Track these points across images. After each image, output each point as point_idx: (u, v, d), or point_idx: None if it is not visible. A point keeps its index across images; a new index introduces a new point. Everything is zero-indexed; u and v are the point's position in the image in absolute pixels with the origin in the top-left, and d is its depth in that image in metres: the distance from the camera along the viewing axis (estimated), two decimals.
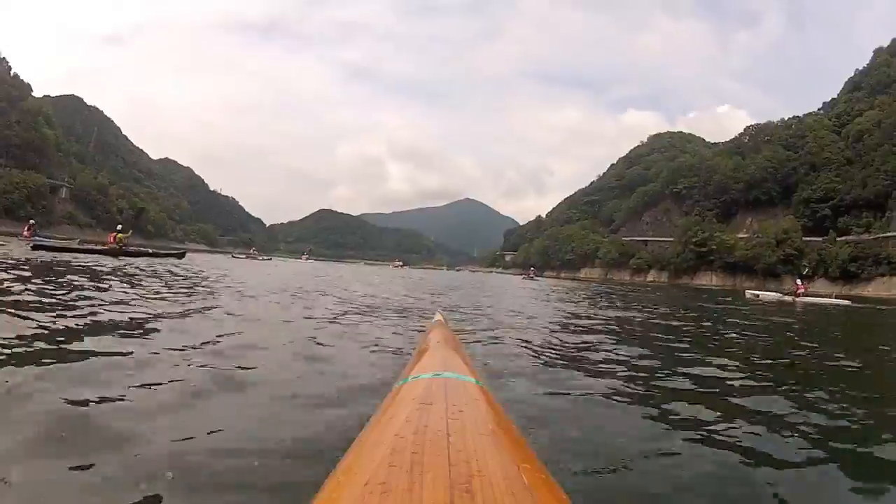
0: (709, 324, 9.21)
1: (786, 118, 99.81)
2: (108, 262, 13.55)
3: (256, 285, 10.90)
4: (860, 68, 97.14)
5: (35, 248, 16.38)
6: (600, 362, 4.21)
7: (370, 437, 0.77)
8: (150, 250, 22.14)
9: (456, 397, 0.90)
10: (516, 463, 0.65)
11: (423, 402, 0.86)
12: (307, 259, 60.26)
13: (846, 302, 21.44)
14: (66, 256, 14.56)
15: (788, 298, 21.50)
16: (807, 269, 24.13)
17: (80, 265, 11.67)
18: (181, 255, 21.80)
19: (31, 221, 25.53)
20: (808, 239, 73.04)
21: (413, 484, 0.56)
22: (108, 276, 9.19)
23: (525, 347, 4.58)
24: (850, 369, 4.71)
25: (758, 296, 23.71)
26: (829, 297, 24.77)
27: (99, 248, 18.79)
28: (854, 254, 65.43)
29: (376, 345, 4.26)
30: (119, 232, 19.07)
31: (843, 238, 69.57)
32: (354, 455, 0.73)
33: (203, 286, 9.41)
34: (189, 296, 7.19)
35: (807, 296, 22.34)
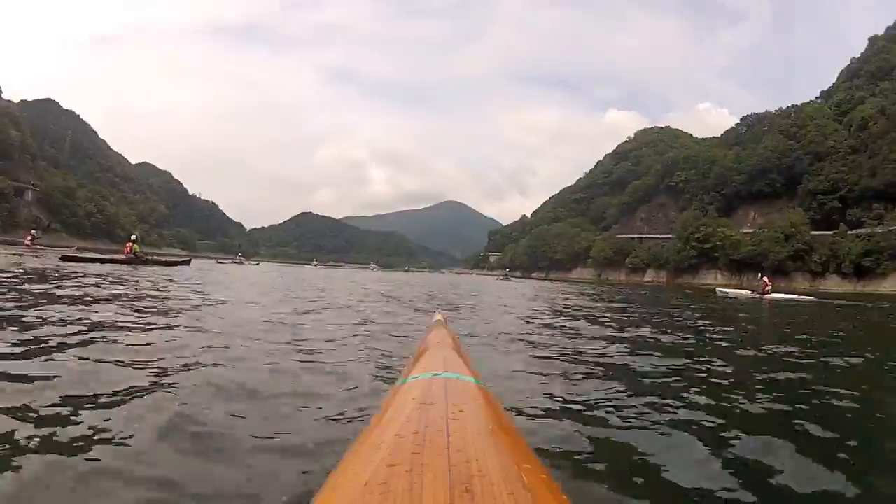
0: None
1: (783, 107, 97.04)
2: (139, 274, 13.48)
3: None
4: (856, 56, 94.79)
5: (64, 259, 16.84)
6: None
7: (370, 437, 0.77)
8: (162, 259, 23.79)
9: (456, 397, 0.90)
10: (516, 463, 0.65)
11: (423, 402, 0.86)
12: (317, 266, 61.43)
13: (810, 298, 21.95)
14: (95, 267, 14.86)
15: (756, 296, 22.06)
16: (762, 274, 25.81)
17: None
18: (187, 263, 22.59)
19: (34, 231, 26.73)
20: (816, 233, 69.69)
21: (413, 484, 0.56)
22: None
23: None
24: None
25: (727, 293, 24.75)
26: (796, 293, 25.79)
27: (118, 257, 19.70)
28: (868, 248, 62.12)
29: None
30: (134, 242, 19.64)
31: (856, 231, 66.18)
32: (354, 455, 0.73)
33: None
34: None
35: (773, 293, 23.14)
